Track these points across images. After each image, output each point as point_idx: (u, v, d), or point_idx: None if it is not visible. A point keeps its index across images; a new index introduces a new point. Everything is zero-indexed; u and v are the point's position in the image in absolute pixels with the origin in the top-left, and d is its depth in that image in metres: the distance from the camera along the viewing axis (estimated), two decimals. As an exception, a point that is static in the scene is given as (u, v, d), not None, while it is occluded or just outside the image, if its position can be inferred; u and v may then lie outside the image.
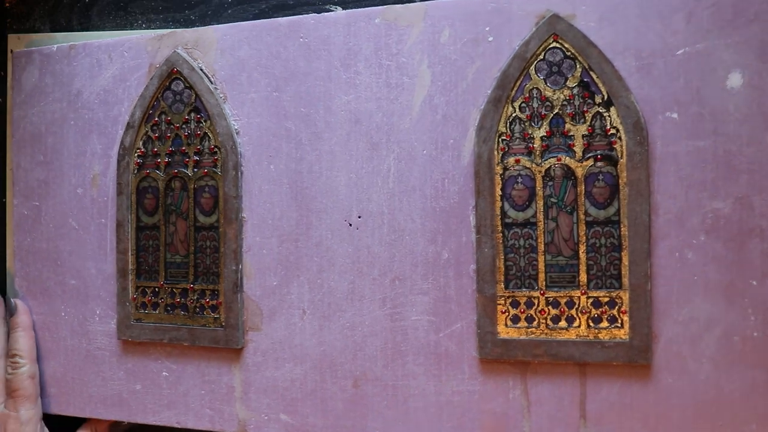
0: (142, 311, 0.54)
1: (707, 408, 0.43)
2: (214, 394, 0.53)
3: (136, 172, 0.54)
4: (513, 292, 0.46)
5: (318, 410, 0.50)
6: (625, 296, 0.44)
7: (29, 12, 0.60)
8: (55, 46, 0.57)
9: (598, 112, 0.45)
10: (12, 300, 0.56)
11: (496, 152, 0.46)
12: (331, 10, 0.54)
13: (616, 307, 0.44)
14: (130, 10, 0.59)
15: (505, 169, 0.46)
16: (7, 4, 0.60)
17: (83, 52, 0.56)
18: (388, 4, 0.53)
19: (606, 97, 0.44)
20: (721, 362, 0.43)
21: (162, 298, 0.53)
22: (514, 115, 0.46)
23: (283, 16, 0.55)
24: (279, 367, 0.51)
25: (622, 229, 0.44)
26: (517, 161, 0.46)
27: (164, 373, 0.54)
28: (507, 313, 0.46)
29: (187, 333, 0.52)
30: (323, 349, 0.50)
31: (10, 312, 0.56)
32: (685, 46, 0.44)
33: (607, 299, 0.45)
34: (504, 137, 0.46)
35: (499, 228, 0.46)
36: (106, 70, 0.56)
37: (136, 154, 0.54)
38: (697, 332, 0.43)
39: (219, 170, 0.52)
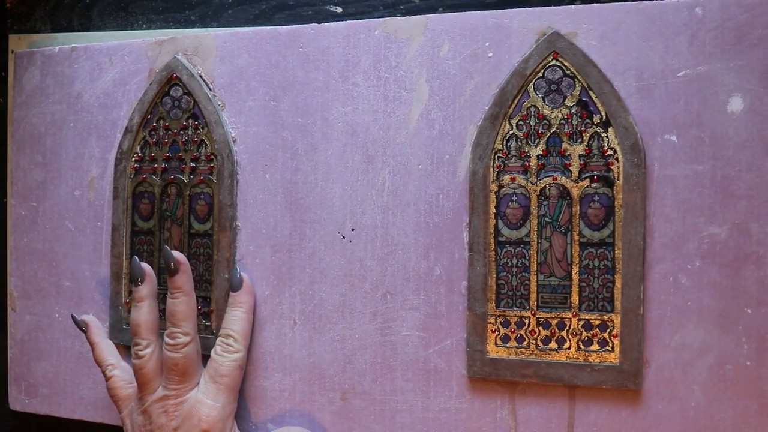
0: (129, 315, 0.54)
1: (697, 436, 0.43)
2: (203, 401, 0.52)
3: (132, 176, 0.54)
4: (504, 311, 0.46)
5: (305, 422, 0.50)
6: (617, 320, 0.44)
7: (30, 12, 0.60)
8: (57, 47, 0.57)
9: (595, 132, 0.44)
10: (237, 273, 0.50)
11: (491, 169, 0.46)
12: (332, 10, 0.54)
13: (608, 331, 0.44)
14: (131, 10, 0.59)
15: (500, 186, 0.46)
16: (8, 5, 0.60)
17: (84, 54, 0.56)
18: (389, 5, 0.53)
19: (604, 118, 0.44)
20: (713, 390, 0.42)
21: (154, 304, 0.53)
22: (510, 132, 0.46)
23: (283, 17, 0.55)
24: (268, 377, 0.51)
25: (616, 251, 0.44)
26: (513, 179, 0.46)
27: (154, 379, 0.54)
28: (497, 332, 0.46)
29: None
30: (312, 360, 0.50)
31: (233, 287, 0.50)
32: (686, 68, 0.43)
33: (598, 322, 0.44)
34: (500, 155, 0.46)
35: (492, 246, 0.46)
36: (106, 73, 0.56)
37: (133, 159, 0.54)
38: (689, 359, 0.43)
39: (215, 178, 0.52)
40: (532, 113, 0.45)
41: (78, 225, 0.56)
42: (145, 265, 0.50)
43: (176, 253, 0.49)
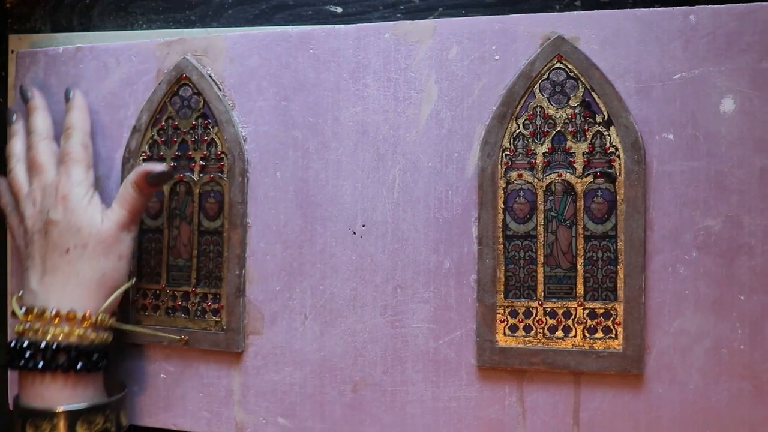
0: (142, 313, 0.54)
1: (696, 417, 0.45)
2: (213, 397, 0.53)
3: (140, 175, 0.55)
4: (512, 302, 0.48)
5: (316, 414, 0.51)
6: (620, 308, 0.46)
7: (30, 12, 0.60)
8: (61, 48, 0.58)
9: (598, 131, 0.47)
10: (68, 88, 0.56)
11: (499, 166, 0.48)
12: (332, 10, 0.55)
13: (611, 319, 0.46)
14: (131, 10, 0.60)
15: (508, 183, 0.48)
16: (8, 5, 0.60)
17: (90, 54, 0.57)
18: (389, 5, 0.54)
19: (606, 117, 0.47)
20: (710, 373, 0.45)
21: (162, 301, 0.54)
22: (517, 131, 0.48)
23: (283, 17, 0.57)
24: (279, 371, 0.52)
25: (618, 243, 0.46)
26: (520, 176, 0.48)
27: (162, 376, 0.54)
28: (506, 322, 0.48)
29: (188, 336, 0.53)
30: (323, 354, 0.51)
31: (66, 97, 0.55)
32: (681, 71, 0.46)
33: (602, 311, 0.46)
34: (507, 152, 0.48)
35: (501, 240, 0.48)
36: (113, 73, 0.56)
37: (141, 158, 0.55)
38: (687, 344, 0.45)
39: (225, 176, 0.53)
40: (538, 113, 0.48)
41: (83, 224, 0.56)
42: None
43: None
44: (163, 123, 0.54)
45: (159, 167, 0.51)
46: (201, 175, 0.53)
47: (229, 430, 0.53)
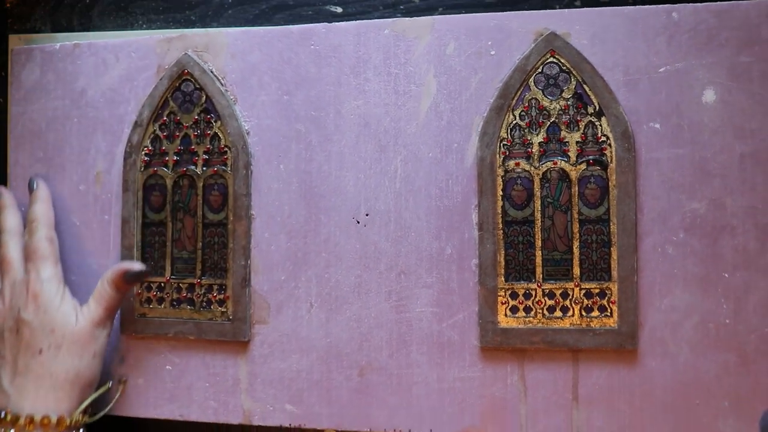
0: (147, 306, 0.55)
1: (686, 387, 0.48)
2: (219, 386, 0.54)
3: (143, 169, 0.55)
4: (512, 284, 0.50)
5: (323, 399, 0.53)
6: (614, 287, 0.49)
7: (30, 12, 0.61)
8: (58, 44, 0.58)
9: (590, 121, 0.50)
10: (32, 179, 0.56)
11: (497, 156, 0.51)
12: (331, 10, 0.57)
13: (606, 298, 0.49)
14: (131, 10, 0.60)
15: (506, 171, 0.50)
16: (8, 5, 0.61)
17: (88, 51, 0.57)
18: (389, 5, 0.56)
19: (597, 108, 0.49)
20: (698, 346, 0.48)
21: (167, 293, 0.55)
22: (514, 122, 0.51)
23: (283, 17, 0.58)
24: (285, 358, 0.53)
25: (611, 226, 0.49)
26: (517, 164, 0.50)
27: (167, 367, 0.55)
28: (507, 304, 0.50)
29: (194, 327, 0.54)
30: (330, 340, 0.53)
31: (30, 188, 0.56)
32: (666, 64, 0.49)
33: (597, 290, 0.49)
34: (505, 142, 0.51)
35: (500, 225, 0.50)
36: (112, 69, 0.57)
37: (143, 152, 0.56)
38: (677, 320, 0.48)
39: (229, 169, 0.54)
40: (533, 105, 0.50)
41: (84, 219, 0.57)
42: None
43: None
44: (165, 118, 0.55)
45: (137, 266, 0.52)
46: (204, 168, 0.55)
47: (236, 419, 0.54)
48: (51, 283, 0.52)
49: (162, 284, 0.55)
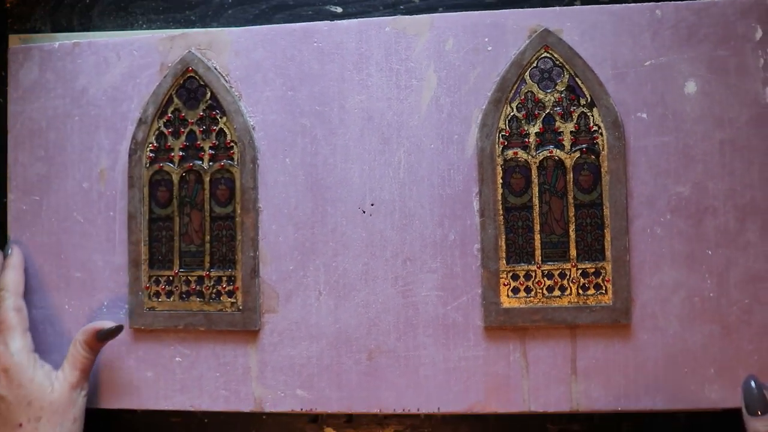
0: (156, 300, 0.56)
1: (675, 358, 0.52)
2: (230, 375, 0.55)
3: (148, 165, 0.56)
4: (513, 266, 0.53)
5: (333, 384, 0.55)
6: (608, 267, 0.52)
7: (30, 12, 0.61)
8: (57, 43, 0.58)
9: (582, 112, 0.53)
10: (9, 244, 0.57)
11: (497, 146, 0.53)
12: (331, 10, 0.59)
13: (601, 277, 0.52)
14: (131, 10, 0.61)
15: (505, 160, 0.53)
16: (8, 5, 0.60)
17: (88, 50, 0.58)
18: (389, 5, 0.59)
19: (589, 100, 0.53)
20: (686, 319, 0.52)
21: (176, 286, 0.56)
22: (512, 114, 0.53)
23: (283, 17, 0.60)
24: (295, 345, 0.55)
25: (604, 210, 0.52)
26: (515, 154, 0.53)
27: (177, 359, 0.56)
28: (508, 285, 0.53)
29: (203, 318, 0.55)
30: (339, 326, 0.55)
31: (5, 254, 0.56)
32: (651, 59, 0.53)
33: (593, 270, 0.52)
34: (503, 133, 0.53)
35: (501, 211, 0.53)
36: (114, 68, 0.57)
37: (148, 149, 0.56)
38: (666, 295, 0.52)
39: (236, 163, 0.55)
40: (529, 97, 0.53)
41: (88, 216, 0.57)
42: None
43: None
44: (169, 115, 0.56)
45: (108, 324, 0.54)
46: (211, 163, 0.56)
47: (248, 406, 0.55)
48: (21, 354, 0.52)
49: (170, 278, 0.56)
